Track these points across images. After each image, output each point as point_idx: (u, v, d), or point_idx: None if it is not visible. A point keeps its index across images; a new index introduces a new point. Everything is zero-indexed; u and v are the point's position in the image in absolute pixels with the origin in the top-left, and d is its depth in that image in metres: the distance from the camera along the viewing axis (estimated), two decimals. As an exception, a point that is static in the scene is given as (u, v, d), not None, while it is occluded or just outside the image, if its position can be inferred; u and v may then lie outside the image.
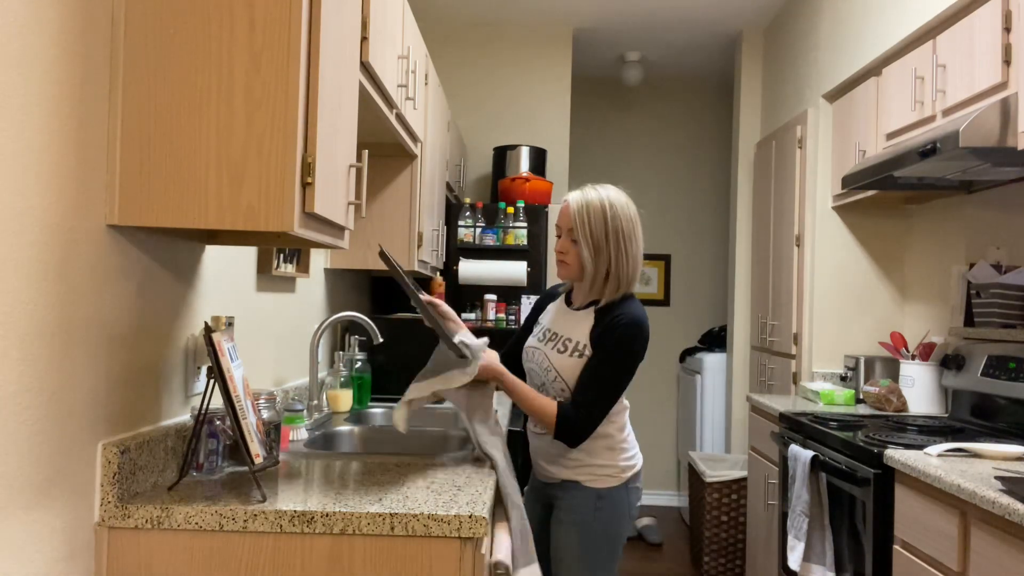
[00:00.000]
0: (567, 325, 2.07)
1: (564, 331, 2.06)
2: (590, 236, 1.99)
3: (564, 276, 2.09)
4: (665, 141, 5.89)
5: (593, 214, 1.99)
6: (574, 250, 2.03)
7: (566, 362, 2.01)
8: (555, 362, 2.02)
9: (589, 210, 1.99)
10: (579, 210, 2.00)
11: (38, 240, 1.27)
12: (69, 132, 1.34)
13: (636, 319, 1.98)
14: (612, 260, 2.00)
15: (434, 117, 3.21)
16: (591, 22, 4.71)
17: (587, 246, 2.00)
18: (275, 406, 1.92)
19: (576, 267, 2.04)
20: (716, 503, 3.98)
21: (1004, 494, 1.75)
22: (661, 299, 5.82)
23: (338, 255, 2.97)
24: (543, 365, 2.05)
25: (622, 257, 2.00)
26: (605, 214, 1.99)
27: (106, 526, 1.47)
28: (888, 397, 3.11)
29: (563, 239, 2.05)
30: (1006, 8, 2.30)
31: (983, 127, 2.23)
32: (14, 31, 1.21)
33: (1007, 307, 2.76)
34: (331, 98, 1.61)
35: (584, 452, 2.04)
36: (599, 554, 2.03)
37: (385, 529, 1.46)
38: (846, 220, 3.67)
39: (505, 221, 3.95)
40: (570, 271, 2.05)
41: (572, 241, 2.03)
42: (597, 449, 2.04)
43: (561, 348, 2.03)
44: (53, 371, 1.32)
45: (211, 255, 1.93)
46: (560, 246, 2.05)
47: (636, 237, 2.03)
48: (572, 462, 2.05)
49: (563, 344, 2.03)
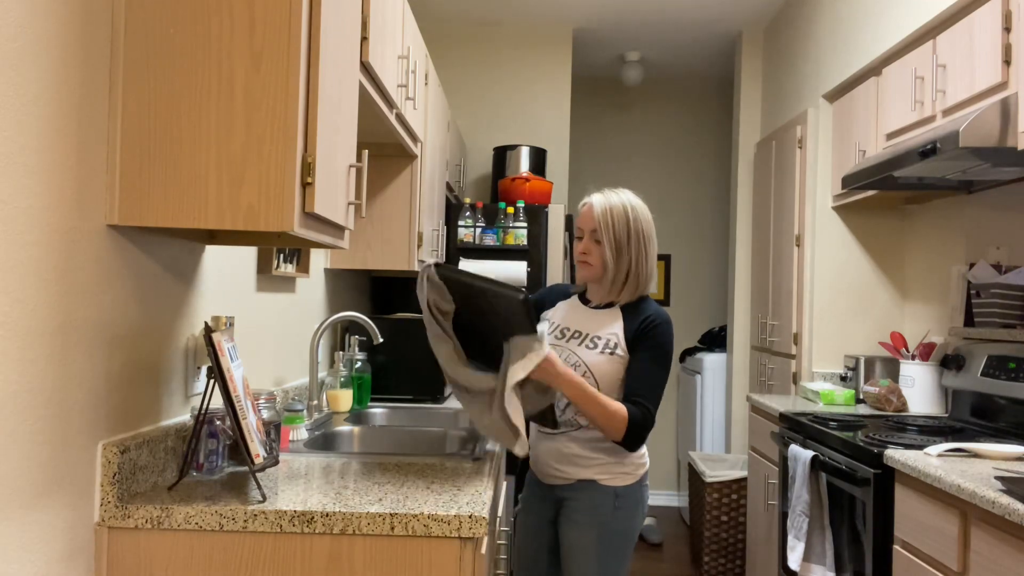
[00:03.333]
0: (592, 323, 2.09)
1: (590, 329, 2.08)
2: (613, 237, 2.05)
3: (586, 277, 2.11)
4: (665, 141, 5.89)
5: (616, 216, 2.05)
6: (597, 251, 2.07)
7: (597, 359, 2.03)
8: (585, 358, 2.04)
9: (612, 212, 2.05)
10: (603, 212, 2.06)
11: (38, 240, 1.27)
12: (69, 132, 1.34)
13: (667, 319, 2.06)
14: (633, 261, 2.06)
15: (434, 117, 3.21)
16: (591, 22, 4.71)
17: (610, 247, 2.05)
18: (275, 406, 1.92)
19: (599, 267, 2.08)
20: (716, 503, 3.98)
21: (1004, 494, 1.75)
22: (661, 299, 5.82)
23: (338, 255, 2.97)
24: (571, 361, 2.06)
25: (642, 258, 2.07)
26: (627, 216, 2.06)
27: (106, 526, 1.47)
28: (888, 397, 3.11)
29: (586, 240, 2.09)
30: (1006, 8, 2.30)
31: (983, 127, 2.23)
32: (14, 31, 1.21)
33: (1007, 307, 2.76)
34: (331, 98, 1.61)
35: (604, 451, 2.05)
36: (614, 553, 2.03)
37: (385, 529, 1.46)
38: (846, 220, 3.67)
39: (505, 221, 3.95)
40: (593, 272, 2.09)
41: (595, 242, 2.07)
42: (616, 447, 2.04)
43: (591, 345, 2.06)
44: (53, 371, 1.32)
45: (211, 255, 1.93)
46: (583, 247, 2.09)
47: (653, 240, 2.10)
48: (590, 460, 2.05)
49: (592, 341, 2.06)
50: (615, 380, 2.02)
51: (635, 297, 2.10)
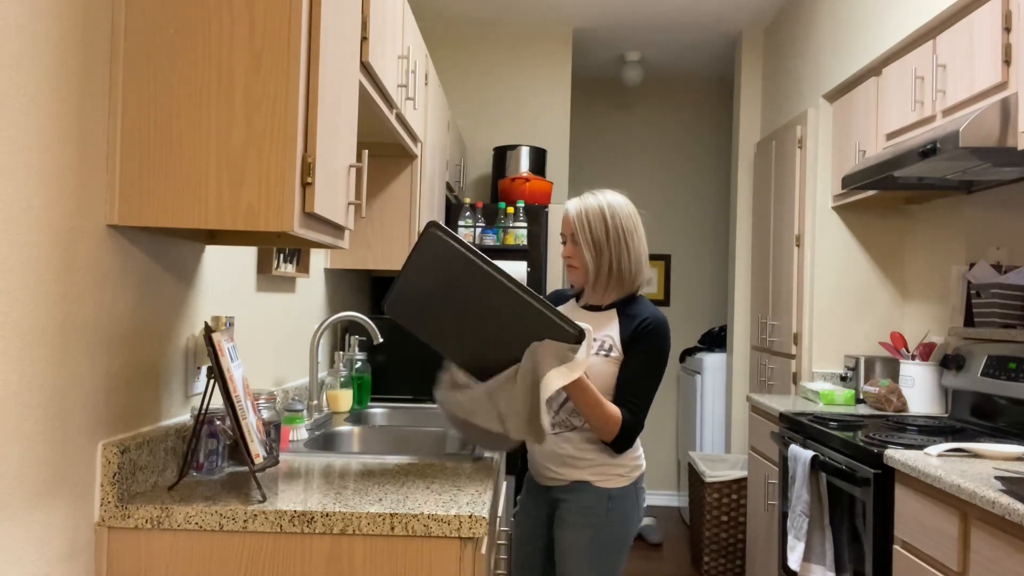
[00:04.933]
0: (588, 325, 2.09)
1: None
2: (590, 236, 2.06)
3: (575, 280, 2.15)
4: (665, 141, 5.89)
5: (592, 216, 2.07)
6: (578, 253, 2.10)
7: (592, 359, 2.04)
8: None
9: (588, 213, 2.07)
10: (578, 214, 2.08)
11: (38, 240, 1.27)
12: (69, 132, 1.34)
13: (663, 321, 2.06)
14: (614, 259, 2.07)
15: (434, 117, 3.21)
16: (591, 22, 4.71)
17: (588, 247, 2.07)
18: (275, 406, 1.92)
19: (583, 270, 2.10)
20: (716, 503, 3.98)
21: (1004, 494, 1.75)
22: (661, 299, 5.82)
23: (338, 255, 2.97)
24: None
25: (624, 254, 2.07)
26: (603, 214, 2.07)
27: (106, 526, 1.47)
28: (888, 397, 3.11)
29: (568, 244, 2.13)
30: (1006, 8, 2.30)
31: (983, 127, 2.23)
32: (14, 31, 1.21)
33: (1007, 307, 2.76)
34: (331, 98, 1.61)
35: (597, 451, 2.04)
36: (608, 556, 2.03)
37: (385, 529, 1.46)
38: (846, 220, 3.67)
39: (505, 221, 3.95)
40: (579, 275, 2.12)
41: (575, 244, 2.10)
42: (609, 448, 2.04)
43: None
44: (53, 371, 1.32)
45: (211, 255, 1.93)
46: (566, 252, 2.13)
47: (637, 234, 2.10)
48: (583, 462, 2.05)
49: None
50: (609, 381, 2.02)
51: (626, 295, 2.10)
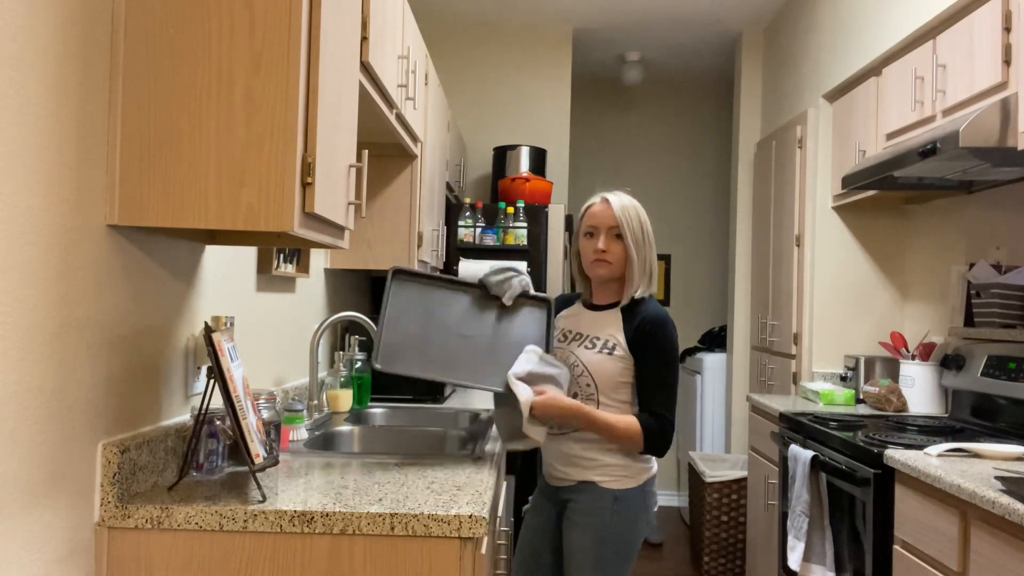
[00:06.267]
0: (591, 325, 2.12)
1: (589, 330, 2.11)
2: (632, 233, 2.07)
3: (605, 274, 2.09)
4: (665, 141, 5.89)
5: (632, 214, 2.08)
6: (616, 247, 2.07)
7: (594, 358, 2.05)
8: (583, 358, 2.06)
9: (628, 210, 2.08)
10: (623, 210, 2.08)
11: (38, 240, 1.27)
12: (69, 132, 1.34)
13: (663, 317, 2.07)
14: (648, 257, 2.10)
15: (434, 117, 3.21)
16: (591, 22, 4.71)
17: (635, 243, 2.07)
18: (275, 406, 1.92)
19: (619, 264, 2.08)
20: (716, 503, 3.98)
21: (1004, 494, 1.75)
22: (661, 299, 5.82)
23: (338, 255, 2.97)
24: (570, 361, 2.08)
25: (653, 255, 2.12)
26: (639, 215, 2.10)
27: (106, 526, 1.47)
28: (888, 397, 3.11)
29: (604, 238, 2.07)
30: (1006, 8, 2.30)
31: (983, 127, 2.23)
32: (14, 31, 1.21)
33: (1007, 307, 2.76)
34: (331, 98, 1.61)
35: (601, 451, 2.05)
36: (613, 557, 2.02)
37: (385, 529, 1.46)
38: (846, 220, 3.67)
39: (505, 221, 3.94)
40: (613, 269, 2.08)
41: (616, 237, 2.07)
42: (614, 448, 2.04)
43: (589, 345, 2.08)
44: (53, 371, 1.32)
45: (211, 255, 1.93)
46: (603, 244, 2.07)
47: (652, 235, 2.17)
48: (589, 462, 2.06)
49: (591, 342, 2.08)
50: (613, 378, 2.03)
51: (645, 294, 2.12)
